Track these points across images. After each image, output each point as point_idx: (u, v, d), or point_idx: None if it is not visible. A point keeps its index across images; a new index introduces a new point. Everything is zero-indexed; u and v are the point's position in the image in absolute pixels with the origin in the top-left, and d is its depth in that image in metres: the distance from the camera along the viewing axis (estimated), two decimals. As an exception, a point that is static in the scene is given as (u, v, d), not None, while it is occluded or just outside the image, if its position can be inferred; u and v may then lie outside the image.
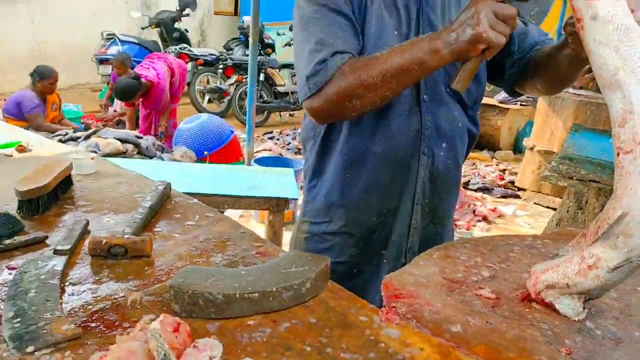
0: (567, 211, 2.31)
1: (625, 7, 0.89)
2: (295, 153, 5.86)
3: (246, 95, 4.96)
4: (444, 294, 1.01)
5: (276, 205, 2.49)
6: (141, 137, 4.58)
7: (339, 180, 1.36)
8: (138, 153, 4.33)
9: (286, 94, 7.80)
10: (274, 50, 8.74)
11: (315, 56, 1.19)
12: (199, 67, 7.66)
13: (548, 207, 4.36)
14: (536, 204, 4.62)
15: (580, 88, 4.61)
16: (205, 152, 4.67)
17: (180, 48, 7.61)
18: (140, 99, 5.49)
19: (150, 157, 4.34)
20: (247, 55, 4.96)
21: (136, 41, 8.04)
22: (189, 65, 7.37)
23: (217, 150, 4.73)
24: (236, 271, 0.98)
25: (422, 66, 1.09)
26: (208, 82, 7.84)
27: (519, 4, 1.03)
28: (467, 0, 1.31)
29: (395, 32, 1.25)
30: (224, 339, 0.84)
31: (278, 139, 6.59)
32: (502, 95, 6.24)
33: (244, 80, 7.34)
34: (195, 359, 0.75)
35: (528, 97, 6.05)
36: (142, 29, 9.02)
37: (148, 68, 5.34)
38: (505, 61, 1.31)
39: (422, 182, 1.35)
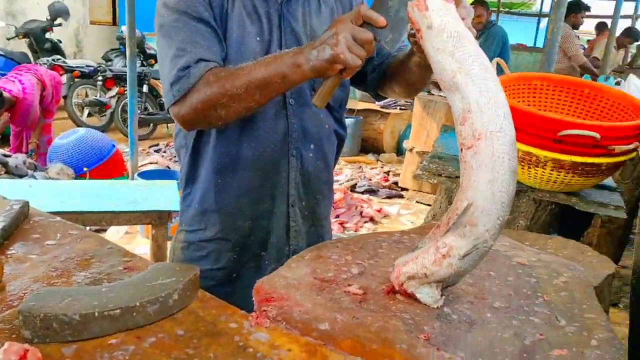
0: (440, 207, 2.47)
1: (456, 15, 0.97)
2: (184, 165, 5.71)
3: (130, 108, 4.75)
4: (314, 294, 1.03)
5: (158, 219, 2.41)
6: (9, 156, 4.22)
7: (211, 186, 1.35)
8: (6, 172, 3.98)
9: (172, 105, 7.54)
10: (157, 61, 8.46)
11: (178, 62, 1.18)
12: (76, 80, 7.20)
13: (428, 205, 4.62)
14: (418, 202, 4.87)
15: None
16: (85, 168, 4.40)
17: (53, 59, 7.10)
18: (9, 115, 5.05)
19: (21, 177, 4.01)
20: (128, 67, 4.75)
21: (1, 52, 7.40)
22: (64, 78, 6.89)
23: (97, 165, 4.48)
24: (97, 289, 0.93)
25: (285, 80, 1.12)
26: (87, 95, 7.40)
27: (376, 30, 1.09)
28: (327, 8, 1.36)
29: (258, 39, 1.26)
30: (82, 361, 0.79)
31: (165, 151, 6.38)
32: (384, 100, 6.53)
33: (125, 92, 7.02)
34: (45, 386, 0.70)
35: (407, 102, 6.39)
36: (8, 39, 8.32)
37: (13, 81, 4.91)
38: (366, 67, 1.37)
39: (295, 184, 1.37)
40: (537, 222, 2.14)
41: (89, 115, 7.31)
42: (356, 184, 5.17)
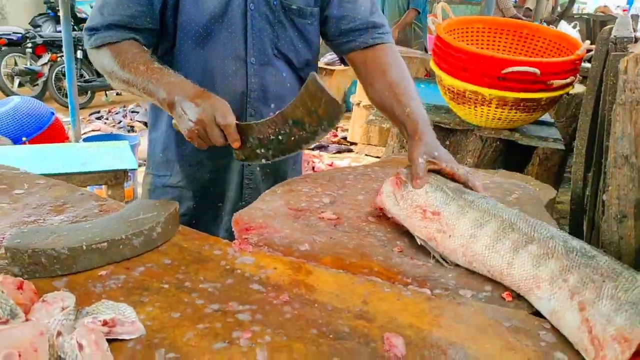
0: (393, 152, 2.56)
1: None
2: (129, 131, 5.55)
3: (64, 76, 4.54)
4: (290, 221, 1.08)
5: (114, 179, 2.37)
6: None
7: (171, 138, 1.36)
8: (-62, 146, 3.77)
9: (110, 71, 7.25)
10: (88, 26, 8.07)
11: (94, 17, 1.20)
12: (3, 48, 6.79)
13: (377, 157, 4.74)
14: (367, 155, 4.99)
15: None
16: (24, 138, 4.21)
17: (-25, 27, 6.67)
18: None
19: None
20: (59, 32, 4.52)
21: None
22: (-11, 46, 6.51)
23: (37, 134, 4.29)
24: (80, 225, 0.95)
25: (155, 102, 1.14)
26: (16, 64, 7.00)
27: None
28: None
29: None
30: (75, 292, 0.81)
31: (107, 119, 6.16)
32: (327, 57, 6.54)
33: (58, 59, 6.69)
34: (46, 312, 0.73)
35: (351, 58, 6.42)
36: None
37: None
38: (326, 29, 1.35)
39: None
40: (484, 159, 2.27)
41: (20, 85, 6.93)
42: (306, 141, 5.22)
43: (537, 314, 0.83)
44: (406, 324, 0.76)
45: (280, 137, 1.06)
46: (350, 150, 5.18)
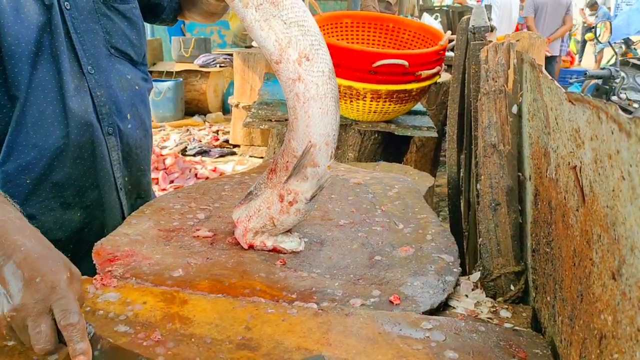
0: (274, 153, 2.50)
1: None
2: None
3: None
4: (162, 245, 0.98)
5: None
6: None
7: (16, 189, 1.04)
8: None
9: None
10: None
11: None
12: None
13: (262, 158, 4.67)
14: (252, 156, 4.89)
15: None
16: None
17: None
18: None
19: None
20: None
21: None
22: None
23: None
24: None
25: None
26: None
27: None
28: None
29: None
30: None
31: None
32: (202, 59, 6.34)
33: None
34: None
35: (225, 59, 6.27)
36: None
37: None
38: (161, 2, 1.25)
39: (118, 165, 1.15)
40: (365, 152, 2.29)
41: None
42: (186, 148, 5.00)
43: (426, 313, 0.81)
44: (293, 347, 0.71)
45: None
46: (233, 153, 5.06)
